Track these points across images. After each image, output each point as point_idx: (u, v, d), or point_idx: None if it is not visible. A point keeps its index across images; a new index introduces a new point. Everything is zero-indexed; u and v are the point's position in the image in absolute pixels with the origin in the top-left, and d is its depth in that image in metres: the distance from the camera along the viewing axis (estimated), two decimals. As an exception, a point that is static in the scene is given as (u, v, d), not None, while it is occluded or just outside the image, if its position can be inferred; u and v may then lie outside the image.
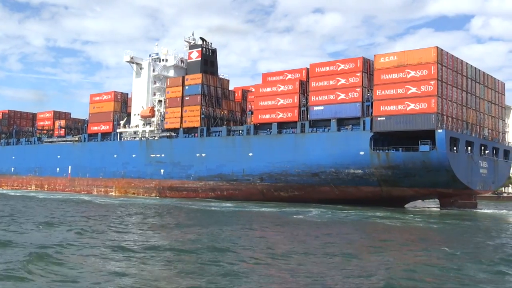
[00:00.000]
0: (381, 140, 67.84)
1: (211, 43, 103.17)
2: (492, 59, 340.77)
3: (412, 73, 64.67)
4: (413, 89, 64.36)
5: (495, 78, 78.31)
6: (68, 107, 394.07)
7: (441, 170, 63.52)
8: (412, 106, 64.22)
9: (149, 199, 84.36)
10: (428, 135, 63.05)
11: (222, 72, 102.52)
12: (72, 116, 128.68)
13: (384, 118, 66.23)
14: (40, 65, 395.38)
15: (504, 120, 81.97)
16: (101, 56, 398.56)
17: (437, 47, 63.88)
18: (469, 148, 69.47)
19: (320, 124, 73.43)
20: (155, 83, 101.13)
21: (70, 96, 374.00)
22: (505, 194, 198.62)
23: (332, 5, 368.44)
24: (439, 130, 62.15)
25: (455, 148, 65.12)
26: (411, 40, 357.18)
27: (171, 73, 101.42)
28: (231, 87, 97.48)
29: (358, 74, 69.82)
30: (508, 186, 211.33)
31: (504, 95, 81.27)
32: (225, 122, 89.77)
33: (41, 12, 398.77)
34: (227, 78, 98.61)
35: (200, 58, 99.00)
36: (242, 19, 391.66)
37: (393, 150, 65.83)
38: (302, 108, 75.55)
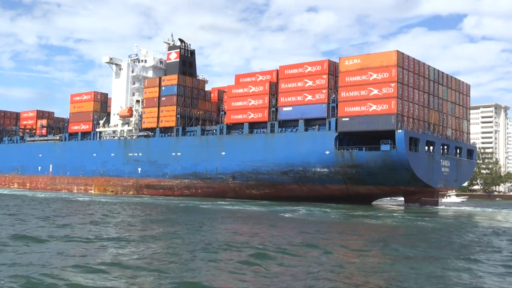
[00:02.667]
0: (346, 140, 70.50)
1: (189, 44, 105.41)
2: (484, 58, 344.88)
3: (374, 76, 67.34)
4: (375, 91, 67.03)
5: (459, 80, 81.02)
6: (58, 106, 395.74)
7: (401, 169, 66.30)
8: (374, 107, 66.90)
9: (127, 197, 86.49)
10: (389, 135, 65.76)
11: (215, 71, 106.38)
12: (59, 115, 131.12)
13: (348, 119, 68.90)
14: (32, 63, 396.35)
15: (469, 121, 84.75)
16: (93, 54, 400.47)
17: (397, 50, 66.59)
18: (431, 147, 72.22)
19: (289, 124, 76.04)
20: (134, 84, 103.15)
21: (61, 94, 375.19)
22: (496, 193, 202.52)
23: (325, 4, 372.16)
24: (398, 131, 64.86)
25: (415, 147, 67.74)
26: (404, 39, 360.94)
27: (150, 73, 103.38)
28: (211, 87, 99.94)
29: (324, 76, 72.43)
30: (499, 185, 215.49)
31: (469, 96, 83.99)
32: (201, 122, 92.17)
33: (33, 9, 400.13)
34: (205, 79, 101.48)
35: (178, 59, 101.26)
36: (236, 17, 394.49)
37: (356, 149, 68.55)
38: (272, 109, 78.07)
